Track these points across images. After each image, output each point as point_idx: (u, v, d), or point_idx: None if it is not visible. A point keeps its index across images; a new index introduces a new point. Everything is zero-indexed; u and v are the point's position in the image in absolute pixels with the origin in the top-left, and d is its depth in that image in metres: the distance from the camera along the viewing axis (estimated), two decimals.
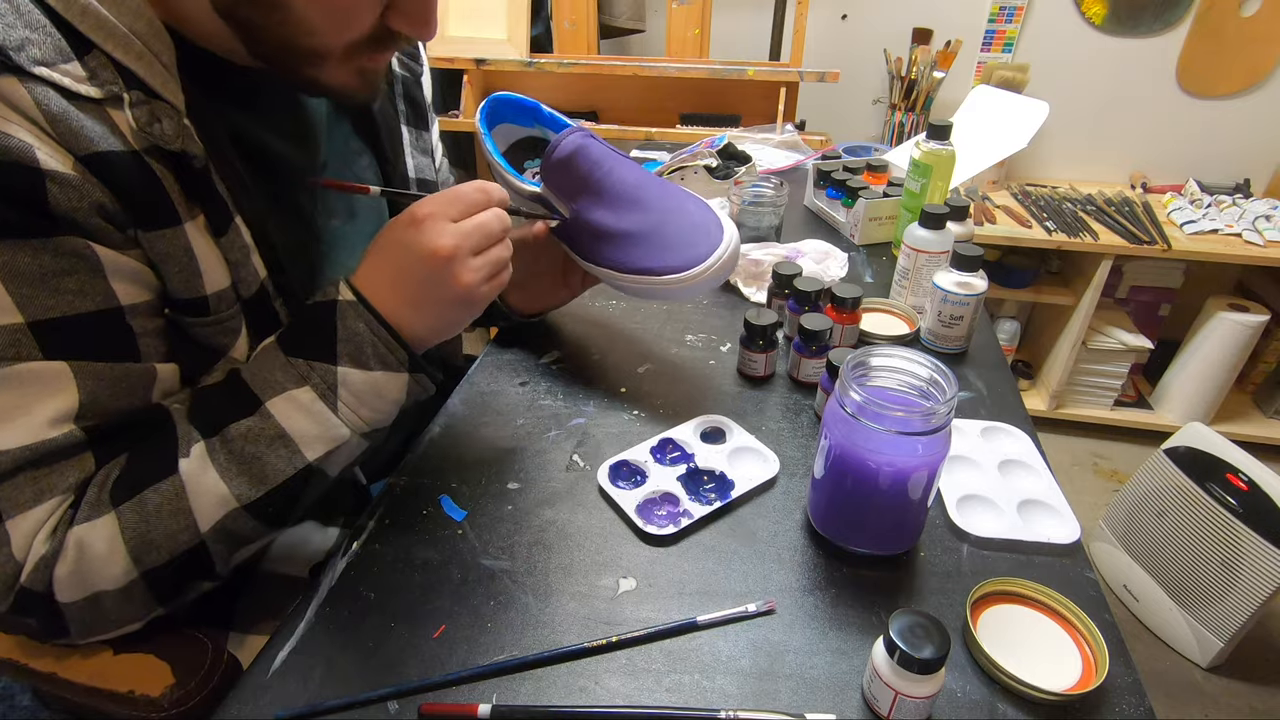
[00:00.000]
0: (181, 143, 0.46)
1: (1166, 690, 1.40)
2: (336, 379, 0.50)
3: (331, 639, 0.49)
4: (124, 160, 0.45)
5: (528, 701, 0.46)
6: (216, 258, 0.50)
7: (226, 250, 0.51)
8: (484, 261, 0.53)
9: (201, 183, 0.49)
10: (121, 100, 0.44)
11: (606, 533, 0.58)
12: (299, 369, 0.50)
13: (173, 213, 0.48)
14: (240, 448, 0.49)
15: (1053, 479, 0.64)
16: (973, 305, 0.77)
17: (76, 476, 0.47)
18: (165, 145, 0.46)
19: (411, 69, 0.74)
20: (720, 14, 1.94)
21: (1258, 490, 1.30)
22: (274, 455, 0.49)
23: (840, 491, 0.54)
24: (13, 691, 0.86)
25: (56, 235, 0.43)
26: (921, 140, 0.96)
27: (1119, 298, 2.01)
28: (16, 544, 0.45)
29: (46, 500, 0.46)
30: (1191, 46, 1.87)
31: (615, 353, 0.80)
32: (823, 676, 0.48)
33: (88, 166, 0.43)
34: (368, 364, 0.51)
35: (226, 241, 0.51)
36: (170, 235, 0.48)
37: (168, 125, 0.46)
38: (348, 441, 0.52)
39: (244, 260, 0.52)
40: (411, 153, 0.72)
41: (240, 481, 0.49)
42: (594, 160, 0.65)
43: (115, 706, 0.51)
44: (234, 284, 0.52)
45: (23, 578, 0.45)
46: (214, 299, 0.51)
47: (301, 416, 0.50)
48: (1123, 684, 0.47)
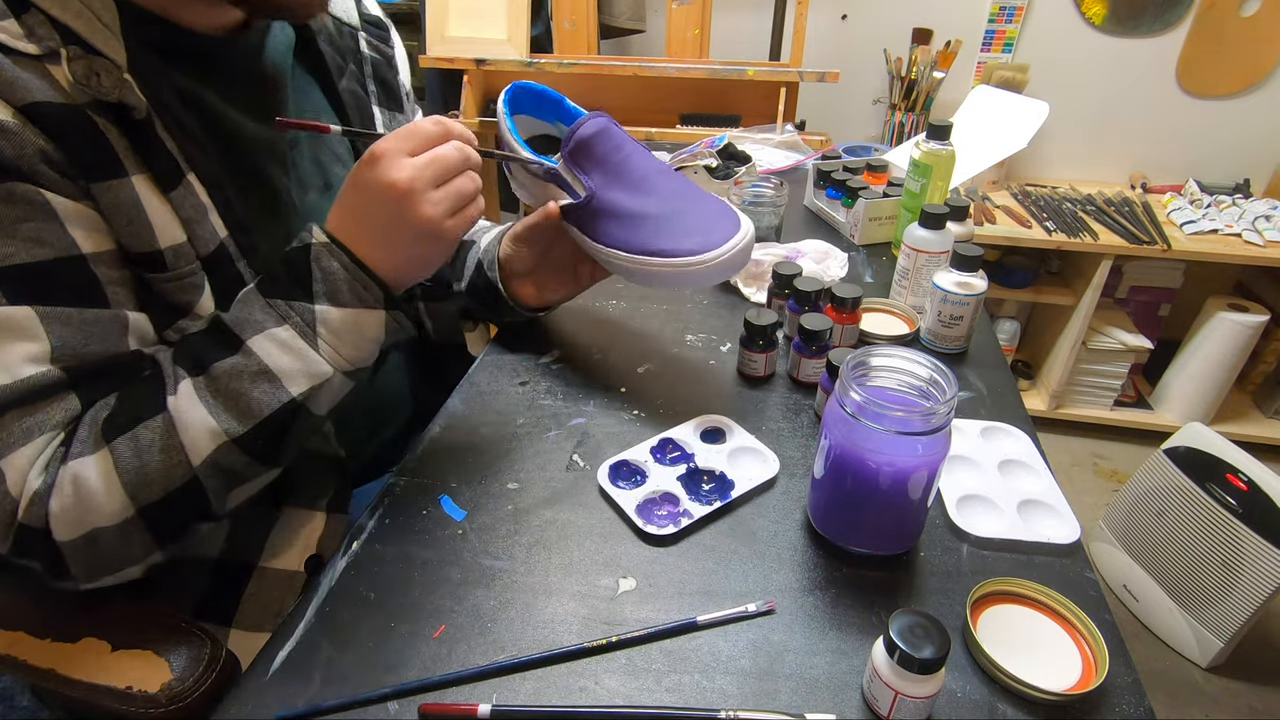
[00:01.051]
0: (120, 94, 0.47)
1: (1166, 690, 1.40)
2: (315, 317, 0.51)
3: (331, 639, 0.49)
4: (63, 111, 0.45)
5: (528, 701, 0.46)
6: (168, 213, 0.51)
7: (178, 206, 0.52)
8: (445, 194, 0.53)
9: (146, 136, 0.50)
10: (59, 55, 0.45)
11: (606, 533, 0.58)
12: (278, 309, 0.51)
13: (118, 164, 0.48)
14: (225, 384, 0.50)
15: (1053, 479, 0.64)
16: (973, 305, 0.77)
17: (63, 414, 0.48)
18: (103, 97, 0.46)
19: (382, 51, 0.75)
20: (720, 14, 1.94)
21: (1258, 490, 1.30)
22: (258, 390, 0.50)
23: (840, 491, 0.54)
24: (13, 691, 0.86)
25: (5, 182, 0.44)
26: (921, 140, 0.96)
27: (1119, 298, 2.01)
28: (11, 480, 0.46)
29: (36, 438, 0.47)
30: (1191, 46, 1.87)
31: (615, 353, 0.80)
32: (823, 676, 0.48)
33: (26, 117, 0.44)
34: (345, 301, 0.52)
35: (177, 196, 0.52)
36: (116, 186, 0.48)
37: (106, 79, 0.47)
38: (330, 379, 0.52)
39: (199, 218, 0.53)
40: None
41: (227, 417, 0.49)
42: (615, 143, 0.66)
43: (114, 702, 0.51)
44: (190, 241, 0.53)
45: (19, 513, 0.46)
46: (169, 254, 0.52)
47: (283, 353, 0.51)
48: (1123, 684, 0.47)
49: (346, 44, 0.71)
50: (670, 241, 0.64)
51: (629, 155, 0.66)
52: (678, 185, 0.68)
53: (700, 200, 0.67)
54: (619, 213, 0.66)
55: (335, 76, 0.68)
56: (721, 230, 0.64)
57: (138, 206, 0.49)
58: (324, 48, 0.68)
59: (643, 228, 0.66)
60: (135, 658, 0.52)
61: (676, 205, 0.66)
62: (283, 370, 0.50)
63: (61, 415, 0.48)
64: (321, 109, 0.68)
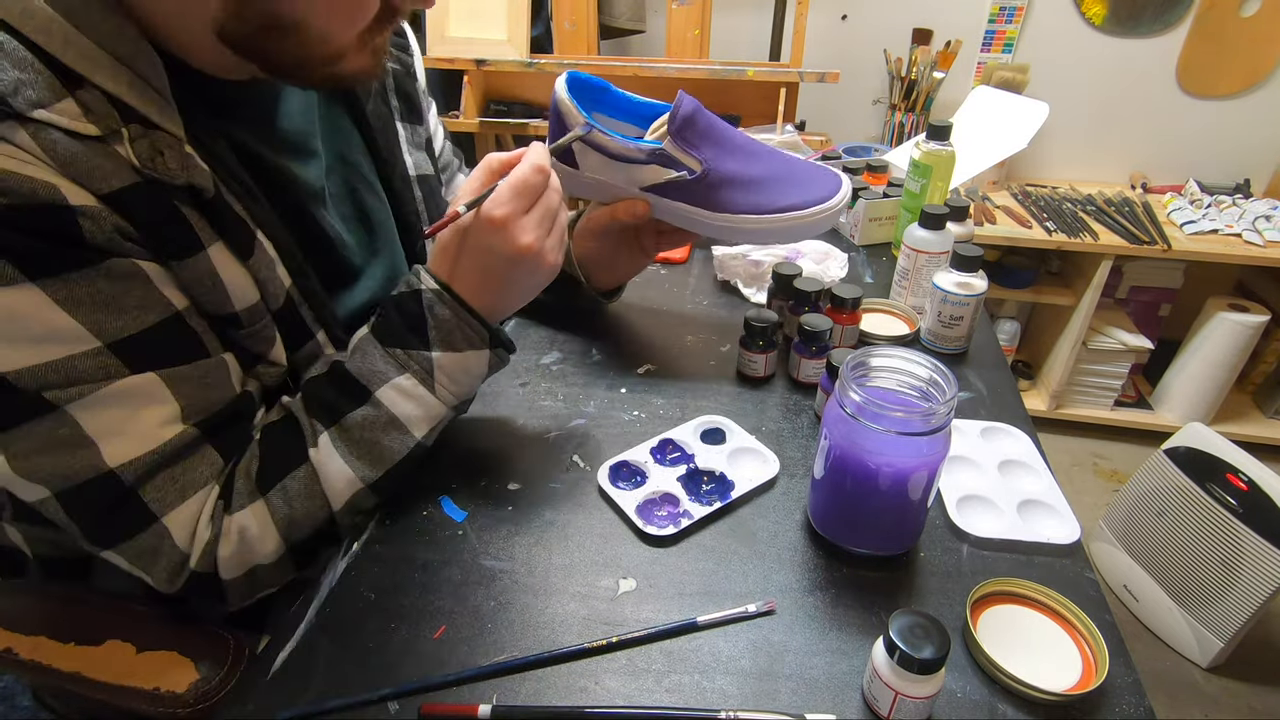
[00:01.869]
0: (187, 175, 0.47)
1: (1166, 690, 1.40)
2: (432, 364, 0.55)
3: (331, 639, 0.50)
4: (139, 194, 0.45)
5: (528, 701, 0.46)
6: (244, 277, 0.52)
7: (255, 270, 0.52)
8: (556, 235, 0.57)
9: (217, 208, 0.49)
10: (121, 135, 0.44)
11: (606, 533, 0.58)
12: (398, 359, 0.55)
13: (195, 240, 0.49)
14: (359, 435, 0.55)
15: (1053, 479, 0.64)
16: (973, 305, 0.77)
17: (208, 468, 0.52)
18: (171, 180, 0.46)
19: (403, 61, 0.74)
20: (720, 14, 1.94)
21: (1258, 490, 1.30)
22: (389, 439, 0.55)
23: (840, 492, 0.54)
24: (13, 691, 0.86)
25: (102, 262, 0.44)
26: (921, 141, 0.96)
27: (1119, 298, 2.01)
28: (178, 536, 0.50)
29: (191, 495, 0.51)
30: (1191, 46, 1.87)
31: (615, 353, 0.80)
32: (823, 676, 0.48)
33: (107, 204, 0.44)
34: (457, 346, 0.56)
35: (254, 262, 0.52)
36: (193, 263, 0.49)
37: (170, 158, 0.46)
38: (444, 416, 0.58)
39: (270, 275, 0.54)
40: (408, 149, 0.72)
41: (362, 465, 0.55)
42: (710, 117, 0.68)
43: (142, 704, 0.52)
44: (263, 298, 0.54)
45: (192, 563, 0.51)
46: (245, 314, 0.53)
47: (407, 401, 0.55)
48: (1123, 684, 0.47)
49: None
50: (798, 195, 0.69)
51: (725, 127, 0.69)
52: (769, 149, 0.71)
53: (790, 158, 0.72)
54: (739, 180, 0.69)
55: (361, 98, 0.67)
56: (825, 176, 0.70)
57: (214, 276, 0.50)
58: None
59: (766, 189, 0.69)
60: (161, 659, 0.53)
61: (781, 165, 0.70)
62: (409, 417, 0.56)
63: (207, 469, 0.52)
64: (351, 135, 0.67)
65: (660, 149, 0.67)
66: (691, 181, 0.68)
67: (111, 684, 0.52)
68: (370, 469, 0.55)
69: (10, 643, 0.54)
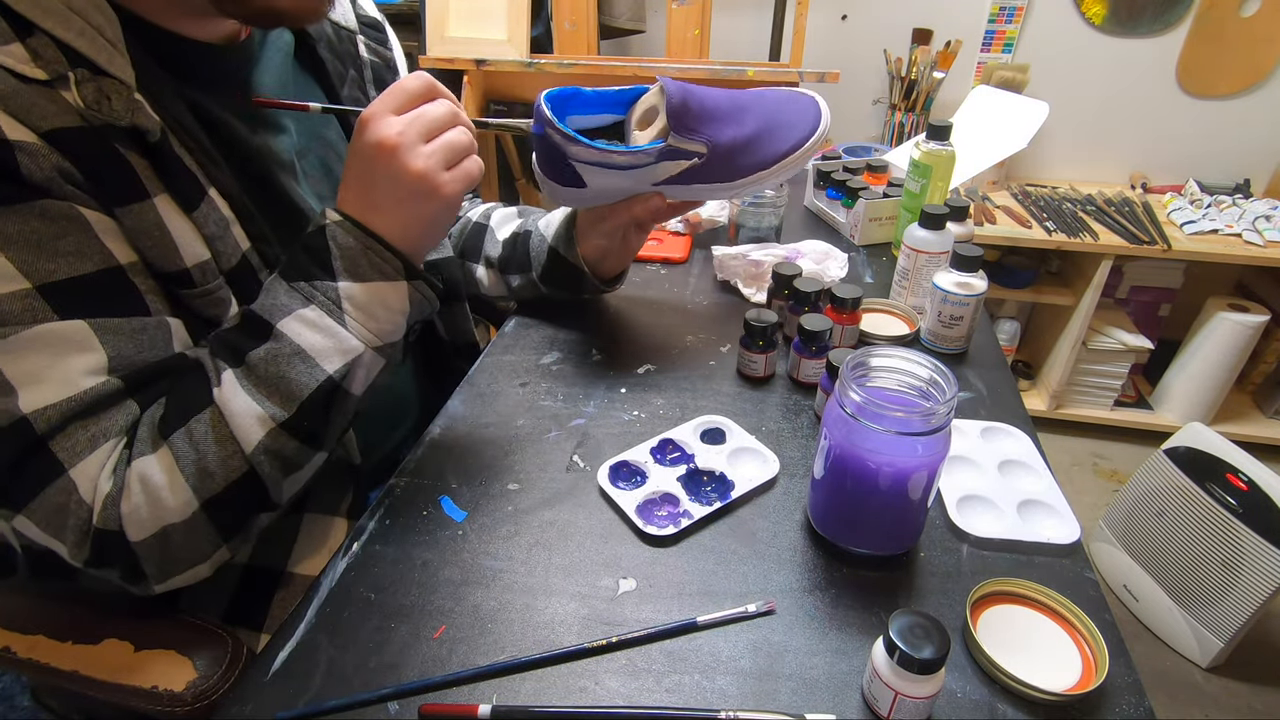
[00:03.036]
0: (132, 117, 0.47)
1: (1166, 690, 1.40)
2: (339, 294, 0.52)
3: (331, 639, 0.49)
4: (82, 136, 0.45)
5: (528, 701, 0.46)
6: (192, 231, 0.51)
7: (201, 224, 0.52)
8: (436, 147, 0.52)
9: (164, 157, 0.49)
10: (67, 79, 0.44)
11: (606, 533, 0.58)
12: (303, 291, 0.52)
13: (140, 187, 0.48)
14: (264, 370, 0.50)
15: (1053, 479, 0.64)
16: (973, 305, 0.77)
17: (124, 420, 0.49)
18: (115, 121, 0.46)
19: (380, 54, 0.75)
20: (720, 14, 1.94)
21: (1258, 490, 1.30)
22: (295, 372, 0.51)
23: (840, 492, 0.54)
24: (13, 691, 0.86)
25: (39, 200, 0.44)
26: (921, 140, 0.96)
27: (1119, 298, 2.01)
28: (83, 489, 0.47)
29: (102, 445, 0.48)
30: (1191, 46, 1.87)
31: (615, 353, 0.80)
32: (823, 676, 0.48)
33: (48, 142, 0.44)
34: (365, 275, 0.52)
35: (200, 215, 0.52)
36: (139, 209, 0.48)
37: (117, 102, 0.46)
38: (361, 355, 0.53)
39: (222, 233, 0.53)
40: None
41: (271, 402, 0.50)
42: (696, 93, 0.68)
43: (140, 702, 0.51)
44: (214, 257, 0.53)
45: (95, 518, 0.47)
46: (195, 272, 0.52)
47: (313, 333, 0.51)
48: (1123, 684, 0.47)
49: (346, 49, 0.71)
50: (791, 137, 0.71)
51: (709, 97, 0.69)
52: (748, 98, 0.72)
53: (767, 99, 0.73)
54: (740, 144, 0.69)
55: (337, 84, 0.68)
56: (805, 101, 0.73)
57: (161, 228, 0.49)
58: (324, 55, 0.67)
59: (762, 143, 0.70)
60: (159, 657, 0.53)
61: (767, 112, 0.71)
62: (315, 349, 0.51)
63: (124, 420, 0.49)
64: (325, 118, 0.68)
65: (666, 146, 0.67)
66: (700, 164, 0.69)
67: (109, 682, 0.52)
68: (279, 406, 0.51)
69: (8, 641, 0.54)
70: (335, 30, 0.70)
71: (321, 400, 0.52)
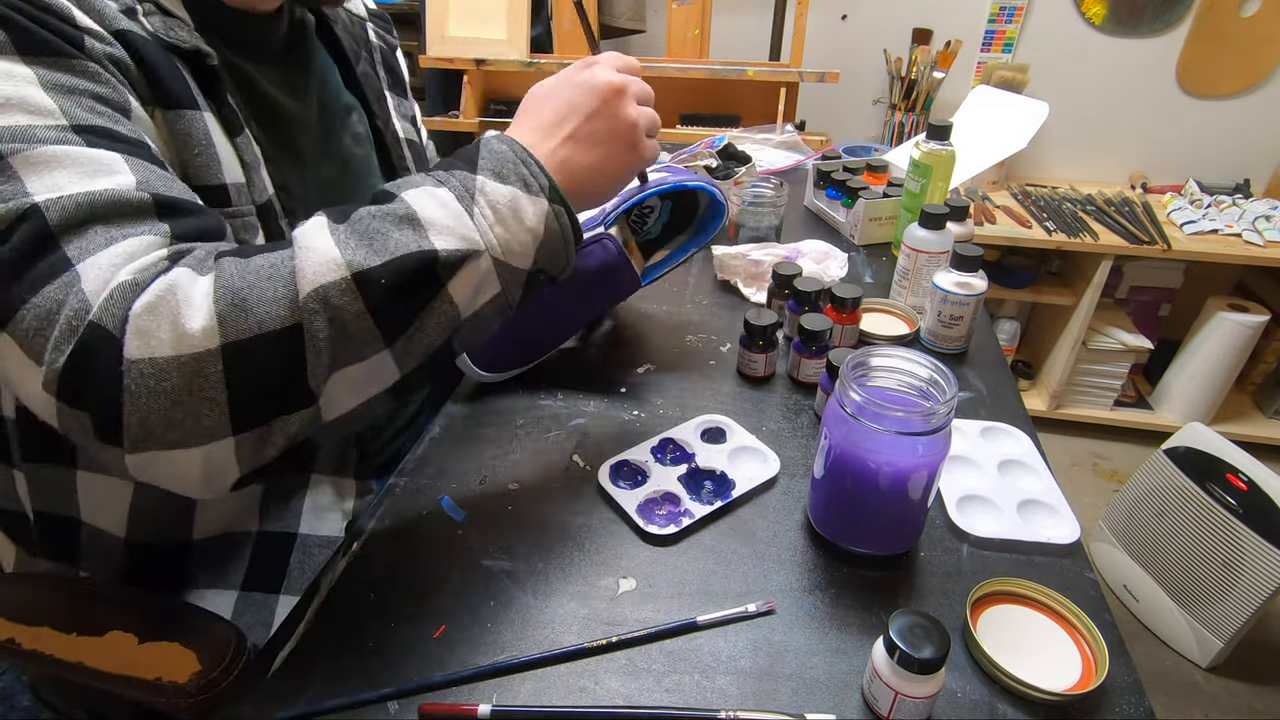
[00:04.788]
0: (195, 42, 0.51)
1: (1166, 690, 1.40)
2: (475, 185, 0.47)
3: (331, 639, 0.49)
4: (147, 43, 0.49)
5: (528, 702, 0.46)
6: (232, 154, 0.55)
7: (242, 151, 0.55)
8: (647, 112, 0.55)
9: (215, 85, 0.53)
10: (135, 11, 0.50)
11: (606, 533, 0.58)
12: (438, 175, 0.47)
13: (191, 98, 0.52)
14: (365, 225, 0.43)
15: (1053, 479, 0.64)
16: (973, 305, 0.77)
17: (149, 230, 0.42)
18: (181, 44, 0.51)
19: (387, 41, 0.81)
20: (720, 14, 1.94)
21: (1258, 490, 1.30)
22: (399, 232, 0.43)
23: (840, 492, 0.54)
24: (13, 691, 0.86)
25: (93, 64, 0.46)
26: (921, 140, 0.96)
27: (1119, 298, 2.01)
28: (88, 280, 0.39)
29: (118, 244, 0.41)
30: (1191, 46, 1.87)
31: (615, 353, 0.80)
32: (823, 676, 0.48)
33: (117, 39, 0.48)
34: (507, 178, 0.47)
35: (242, 141, 0.55)
36: (190, 117, 0.51)
37: (181, 31, 0.51)
38: (479, 258, 0.45)
39: (255, 166, 0.56)
40: (396, 116, 0.78)
41: (357, 248, 0.42)
42: None
43: (144, 694, 0.52)
44: (248, 185, 0.55)
45: (93, 311, 0.38)
46: (233, 190, 0.54)
47: (435, 205, 0.45)
48: (1123, 684, 0.47)
49: (358, 33, 0.76)
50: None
51: None
52: None
53: None
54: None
55: (353, 61, 0.73)
56: None
57: (209, 139, 0.52)
58: (341, 35, 0.72)
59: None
60: (163, 649, 0.53)
61: None
62: (432, 221, 0.44)
63: (148, 230, 0.42)
64: (340, 90, 0.72)
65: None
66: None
67: (114, 674, 0.52)
68: (365, 253, 0.42)
69: (13, 633, 0.55)
70: (349, 16, 0.75)
71: (415, 273, 0.43)
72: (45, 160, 0.41)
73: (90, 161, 0.42)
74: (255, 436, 0.41)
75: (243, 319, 0.40)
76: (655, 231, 0.78)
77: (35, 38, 0.43)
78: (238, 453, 0.41)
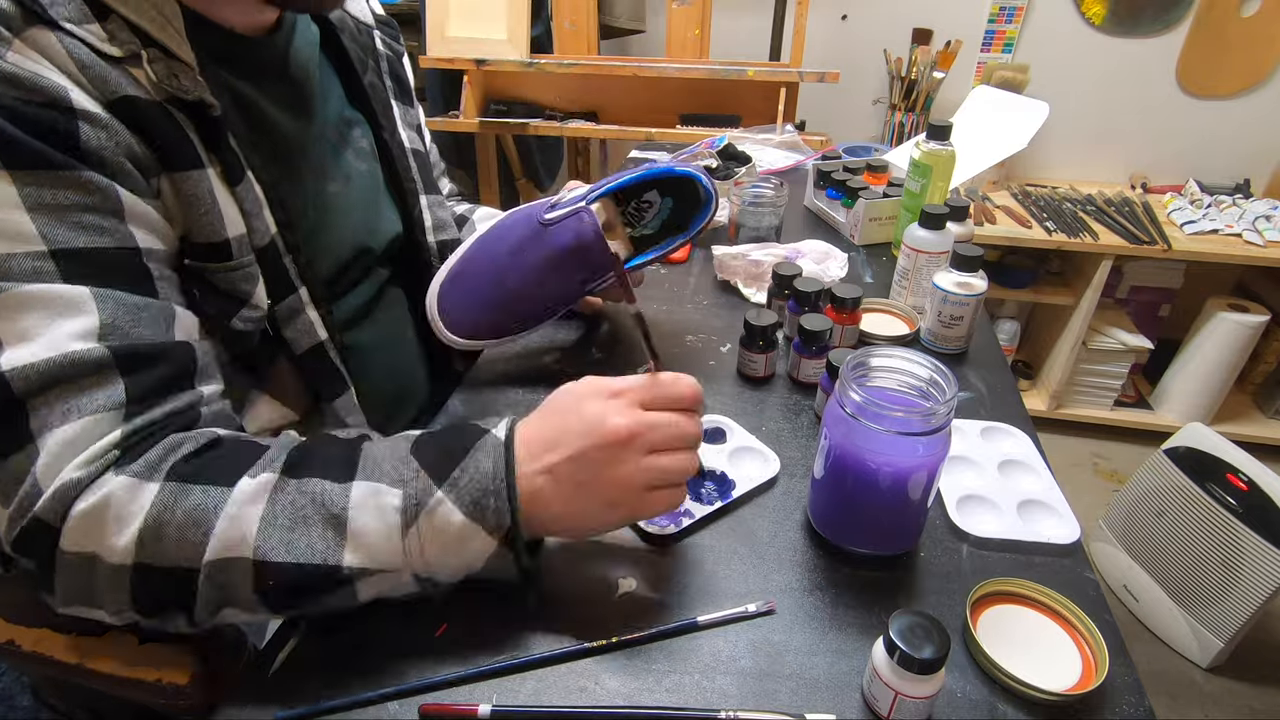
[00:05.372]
0: (199, 93, 0.50)
1: (1166, 690, 1.40)
2: (431, 503, 0.45)
3: (331, 639, 0.49)
4: (149, 106, 0.48)
5: (528, 701, 0.46)
6: (234, 205, 0.54)
7: (241, 199, 0.54)
8: (658, 464, 0.48)
9: (216, 133, 0.52)
10: (140, 58, 0.48)
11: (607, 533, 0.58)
12: (406, 470, 0.46)
13: (196, 157, 0.51)
14: (300, 506, 0.45)
15: (1052, 479, 0.64)
16: (973, 305, 0.77)
17: (105, 400, 0.45)
18: (184, 95, 0.49)
19: (394, 49, 0.79)
20: (720, 14, 1.94)
21: (1258, 490, 1.30)
22: (318, 534, 0.45)
23: (840, 492, 0.54)
24: (13, 691, 0.86)
25: (83, 171, 0.45)
26: (921, 140, 0.96)
27: (1119, 298, 2.01)
28: (42, 465, 0.43)
29: (75, 420, 0.44)
30: (1191, 46, 1.87)
31: (615, 353, 0.80)
32: (823, 676, 0.48)
33: (115, 112, 0.46)
34: (469, 507, 0.45)
35: (242, 190, 0.54)
36: (195, 178, 0.51)
37: (184, 79, 0.50)
38: (395, 574, 0.46)
39: (257, 212, 0.55)
40: (401, 125, 0.77)
41: (275, 534, 0.44)
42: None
43: (145, 695, 0.52)
44: (248, 233, 0.55)
45: (39, 503, 0.42)
46: (235, 243, 0.54)
47: (373, 516, 0.45)
48: (1123, 684, 0.47)
49: (365, 42, 0.75)
50: None
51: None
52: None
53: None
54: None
55: (360, 70, 0.71)
56: None
57: (213, 197, 0.52)
58: (348, 44, 0.71)
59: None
60: (162, 650, 0.53)
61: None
62: (358, 533, 0.45)
63: (104, 400, 0.45)
64: (344, 103, 0.71)
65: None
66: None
67: (114, 675, 0.53)
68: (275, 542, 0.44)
69: (13, 635, 0.55)
70: (355, 23, 0.74)
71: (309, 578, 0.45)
72: (18, 303, 0.43)
73: (59, 300, 0.44)
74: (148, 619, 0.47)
75: (156, 548, 0.44)
76: (654, 227, 0.78)
77: (24, 150, 0.43)
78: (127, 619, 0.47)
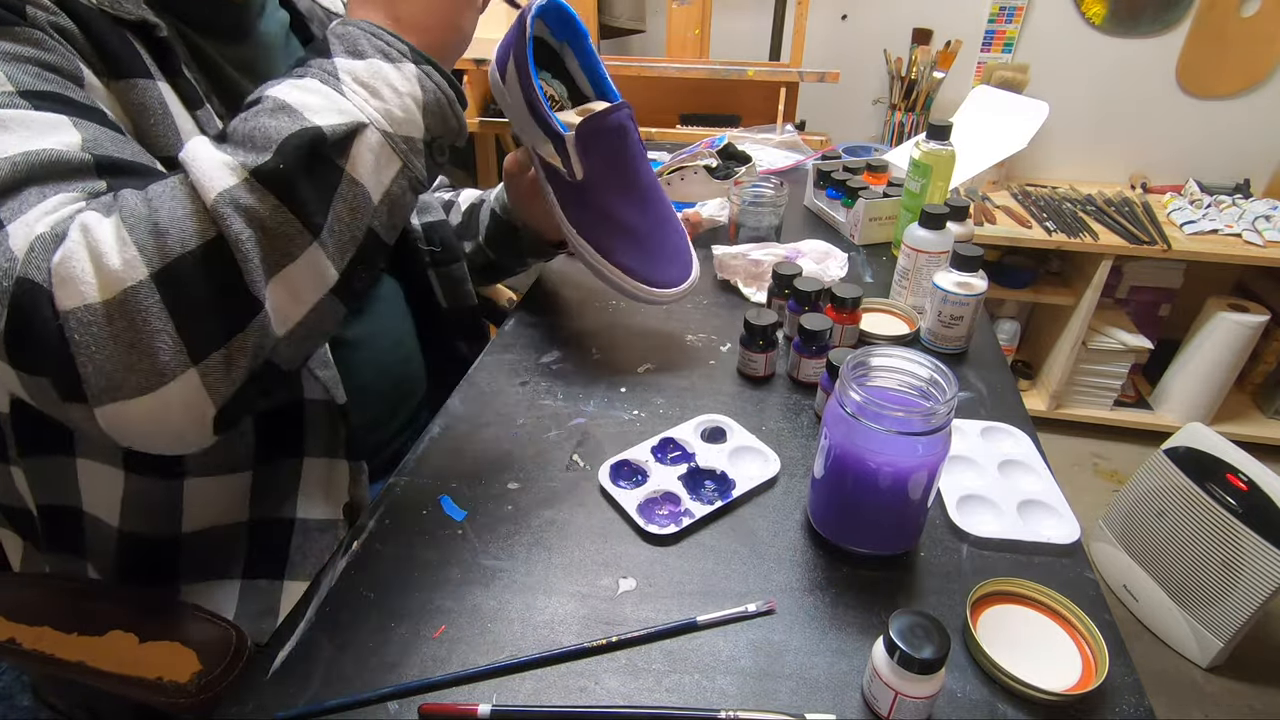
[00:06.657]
0: (140, 13, 0.49)
1: (1166, 690, 1.40)
2: (335, 66, 0.46)
3: (331, 639, 0.49)
4: (91, 13, 0.47)
5: (528, 701, 0.46)
6: (192, 125, 0.52)
7: (204, 124, 0.52)
8: None
9: (171, 59, 0.51)
10: None
11: (606, 532, 0.58)
12: (296, 71, 0.47)
13: (144, 67, 0.49)
14: (242, 130, 0.43)
15: (1052, 479, 0.64)
16: (973, 305, 0.77)
17: (82, 189, 0.42)
18: (124, 15, 0.48)
19: None
20: (720, 14, 1.94)
21: (1258, 490, 1.30)
22: (276, 121, 0.42)
23: (840, 491, 0.54)
24: (13, 691, 0.86)
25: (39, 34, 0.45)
26: (921, 140, 0.96)
27: (1119, 298, 2.01)
28: (15, 239, 0.39)
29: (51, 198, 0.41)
30: (1191, 46, 1.87)
31: (615, 353, 0.80)
32: (823, 676, 0.48)
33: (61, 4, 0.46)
34: (364, 53, 0.46)
35: (204, 115, 0.53)
36: (143, 86, 0.49)
37: (128, 3, 0.49)
38: (364, 129, 0.45)
39: None
40: None
41: (244, 152, 0.42)
42: (630, 143, 0.68)
43: (145, 693, 0.52)
44: None
45: (18, 266, 0.38)
46: None
47: (304, 93, 0.44)
48: (1123, 684, 0.47)
49: None
50: (650, 268, 0.71)
51: (638, 162, 0.68)
52: (661, 205, 0.71)
53: (673, 229, 0.72)
54: (607, 213, 0.68)
55: None
56: (683, 260, 0.72)
57: (165, 108, 0.50)
58: (316, 32, 0.71)
59: (627, 243, 0.70)
60: (163, 649, 0.53)
61: (654, 228, 0.70)
62: (305, 104, 0.43)
63: (80, 188, 0.42)
64: None
65: (564, 136, 0.67)
66: (567, 183, 0.69)
67: (114, 674, 0.52)
68: (251, 154, 0.41)
69: (13, 633, 0.55)
70: (325, 14, 0.74)
71: (308, 154, 0.42)
72: None
73: (37, 123, 0.42)
74: (216, 362, 0.41)
75: (162, 242, 0.39)
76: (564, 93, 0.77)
77: None
78: (205, 383, 0.41)
